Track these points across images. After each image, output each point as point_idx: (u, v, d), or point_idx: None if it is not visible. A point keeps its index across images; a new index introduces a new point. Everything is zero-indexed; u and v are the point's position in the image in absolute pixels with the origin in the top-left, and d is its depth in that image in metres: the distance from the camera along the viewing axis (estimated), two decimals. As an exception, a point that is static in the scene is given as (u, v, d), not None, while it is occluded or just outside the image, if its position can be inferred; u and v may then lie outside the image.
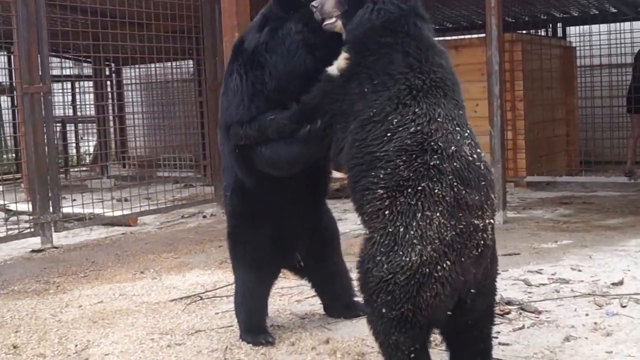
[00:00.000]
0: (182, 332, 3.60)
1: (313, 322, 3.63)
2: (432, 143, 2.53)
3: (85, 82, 13.55)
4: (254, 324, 3.40)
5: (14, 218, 6.96)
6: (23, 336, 3.65)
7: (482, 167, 2.57)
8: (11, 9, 6.32)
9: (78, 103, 13.68)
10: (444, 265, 2.37)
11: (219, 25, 7.22)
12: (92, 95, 13.09)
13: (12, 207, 7.19)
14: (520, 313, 3.57)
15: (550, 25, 11.16)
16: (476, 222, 2.44)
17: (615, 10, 10.33)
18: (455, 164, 2.50)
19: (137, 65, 11.95)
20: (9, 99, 11.94)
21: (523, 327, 3.37)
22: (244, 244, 3.39)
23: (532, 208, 7.28)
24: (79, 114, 13.73)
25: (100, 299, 4.32)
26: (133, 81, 12.63)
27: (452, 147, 2.53)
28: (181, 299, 4.20)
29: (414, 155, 2.51)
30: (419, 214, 2.41)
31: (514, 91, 8.87)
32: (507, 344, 3.14)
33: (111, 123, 12.20)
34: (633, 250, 4.95)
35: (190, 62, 10.83)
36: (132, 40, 8.12)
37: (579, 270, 4.42)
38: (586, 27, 10.66)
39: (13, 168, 11.24)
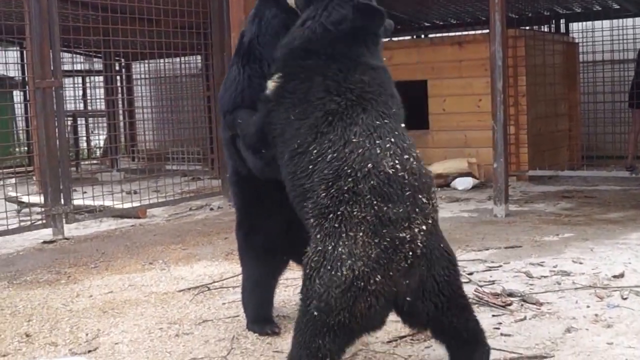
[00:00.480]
0: (190, 321, 3.61)
1: (318, 312, 3.63)
2: (346, 167, 2.54)
3: (96, 77, 13.58)
4: (261, 315, 3.41)
5: (26, 210, 7.00)
6: (35, 325, 3.67)
7: (406, 176, 2.53)
8: (24, 5, 6.33)
9: (89, 97, 13.72)
10: (376, 279, 2.41)
11: (227, 20, 7.22)
12: (102, 90, 13.13)
13: (25, 199, 7.22)
14: (522, 305, 3.57)
15: (554, 21, 11.11)
16: (402, 235, 2.45)
17: (617, 7, 10.27)
18: (372, 182, 2.49)
19: (146, 61, 11.97)
20: (22, 93, 11.96)
21: (525, 318, 3.36)
22: (251, 236, 3.39)
23: (534, 202, 7.27)
24: (89, 108, 13.77)
25: (110, 289, 4.34)
26: (142, 76, 12.64)
27: (369, 165, 2.52)
28: (189, 289, 4.21)
29: (330, 183, 2.54)
30: (344, 235, 2.46)
31: (517, 86, 8.84)
32: (509, 335, 3.14)
33: (121, 117, 12.24)
34: (634, 244, 4.94)
35: (199, 57, 10.83)
36: (142, 36, 8.11)
37: (580, 263, 4.42)
38: (589, 23, 10.63)
39: (25, 161, 11.28)
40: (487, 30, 6.62)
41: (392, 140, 2.61)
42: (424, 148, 9.55)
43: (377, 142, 2.58)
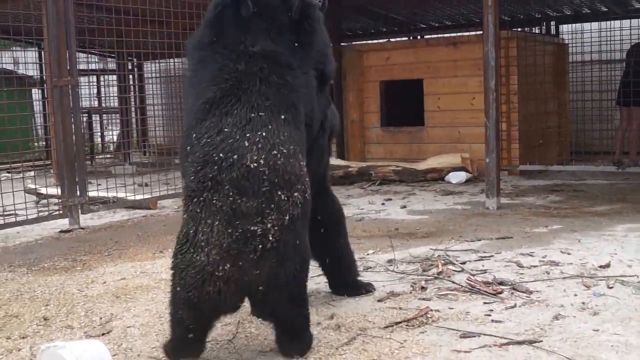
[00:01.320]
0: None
1: (318, 299, 3.63)
2: (214, 155, 2.54)
3: (110, 76, 13.58)
4: None
5: (45, 201, 7.01)
6: (52, 309, 3.67)
7: (267, 172, 2.50)
8: (42, 9, 6.33)
9: (103, 95, 13.72)
10: (225, 267, 2.46)
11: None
12: (115, 88, 13.12)
13: (43, 191, 7.23)
14: (512, 293, 3.56)
15: (544, 23, 11.08)
16: (253, 228, 2.46)
17: (606, 9, 10.25)
18: (233, 174, 2.49)
19: (157, 60, 11.94)
20: (40, 91, 11.97)
21: (515, 305, 3.36)
22: None
23: (524, 195, 7.26)
24: (103, 105, 13.78)
25: (123, 276, 4.34)
26: (154, 75, 12.63)
27: (234, 157, 2.51)
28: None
29: (199, 168, 2.55)
30: (203, 222, 2.49)
31: (509, 85, 8.82)
32: (500, 321, 3.13)
33: (133, 114, 12.23)
34: (620, 235, 4.93)
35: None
36: (153, 37, 8.08)
37: (568, 254, 4.41)
38: (578, 25, 10.59)
39: (43, 155, 11.28)
40: (481, 32, 6.59)
41: (264, 134, 2.56)
42: (419, 143, 9.56)
43: (247, 134, 2.55)
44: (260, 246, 2.46)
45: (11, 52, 12.58)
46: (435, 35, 11.08)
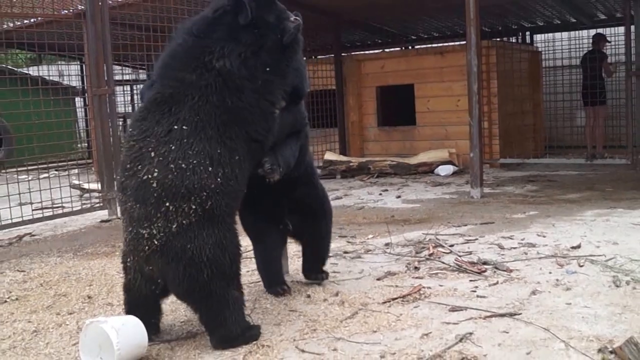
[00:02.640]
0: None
1: (325, 280, 3.61)
2: (128, 162, 2.51)
3: (141, 85, 13.56)
4: (270, 280, 3.36)
5: (87, 195, 7.01)
6: (95, 289, 3.67)
7: (155, 185, 2.42)
8: (83, 27, 6.32)
9: (136, 102, 13.72)
10: (129, 258, 2.57)
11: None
12: (147, 95, 13.09)
13: (86, 186, 7.24)
14: (495, 271, 3.54)
15: (520, 33, 11.01)
16: (142, 231, 2.46)
17: (574, 20, 10.16)
18: (133, 181, 2.47)
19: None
20: (82, 99, 11.98)
21: (497, 282, 3.33)
22: (242, 219, 3.22)
23: (504, 185, 7.21)
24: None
25: (156, 260, 4.33)
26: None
27: (138, 166, 2.46)
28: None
29: (127, 167, 2.52)
30: (122, 216, 2.59)
31: (489, 88, 8.77)
32: (484, 297, 3.11)
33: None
34: (589, 220, 4.89)
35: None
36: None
37: (544, 236, 4.37)
38: (550, 34, 10.54)
39: (86, 155, 11.31)
40: (464, 42, 6.54)
41: (172, 147, 2.45)
42: (411, 141, 9.52)
43: (159, 146, 2.45)
44: (147, 248, 2.47)
45: (57, 65, 12.59)
46: (424, 46, 11.02)
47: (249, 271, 3.88)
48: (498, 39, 10.14)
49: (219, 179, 2.50)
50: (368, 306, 3.05)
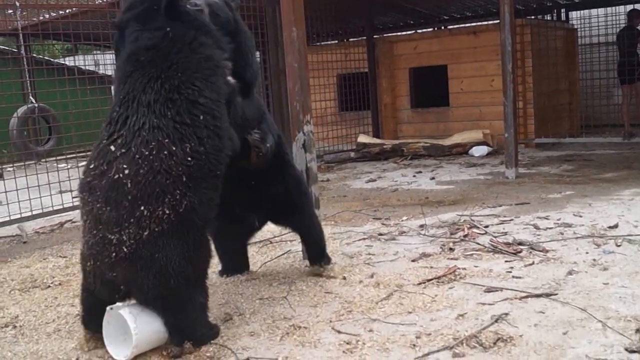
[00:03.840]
0: (256, 268, 3.65)
1: (360, 260, 3.64)
2: (93, 162, 2.38)
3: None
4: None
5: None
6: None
7: (129, 185, 2.27)
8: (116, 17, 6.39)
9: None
10: (90, 262, 2.39)
11: (279, 22, 7.15)
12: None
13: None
14: (531, 252, 3.51)
15: (555, 10, 10.73)
16: (110, 236, 2.30)
17: (611, -4, 9.86)
18: (104, 182, 2.32)
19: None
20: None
21: (533, 263, 3.31)
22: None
23: (540, 165, 7.10)
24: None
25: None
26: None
27: (105, 166, 2.32)
28: (255, 243, 4.25)
29: (91, 165, 2.39)
30: (83, 216, 2.42)
31: (524, 67, 8.61)
32: (520, 277, 3.09)
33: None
34: (626, 199, 4.78)
35: (257, 53, 10.81)
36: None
37: (580, 216, 4.31)
38: (586, 11, 10.27)
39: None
40: (498, 21, 6.42)
41: (138, 142, 2.32)
42: (445, 122, 9.43)
43: (130, 140, 2.32)
44: (114, 254, 2.31)
45: (93, 55, 12.83)
46: (457, 26, 10.83)
47: (283, 254, 3.94)
48: (532, 17, 9.90)
49: (189, 158, 2.37)
50: (403, 287, 3.06)
